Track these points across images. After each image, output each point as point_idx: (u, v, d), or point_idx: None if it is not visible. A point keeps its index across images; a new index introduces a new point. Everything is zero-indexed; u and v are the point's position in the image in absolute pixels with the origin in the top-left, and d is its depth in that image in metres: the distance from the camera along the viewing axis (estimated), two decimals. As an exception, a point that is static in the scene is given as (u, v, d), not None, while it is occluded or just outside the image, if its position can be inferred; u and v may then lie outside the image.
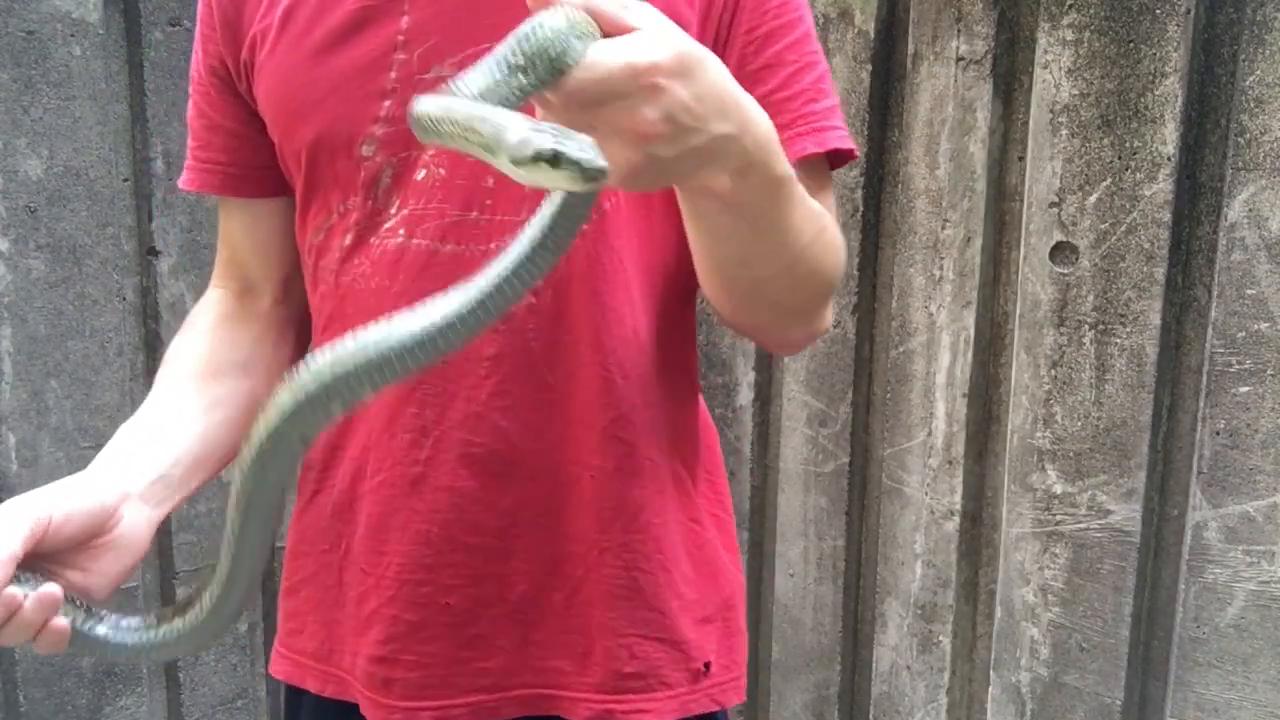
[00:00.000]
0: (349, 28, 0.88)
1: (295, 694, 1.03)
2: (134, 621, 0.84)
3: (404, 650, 0.92)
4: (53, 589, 0.77)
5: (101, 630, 0.82)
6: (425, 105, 0.64)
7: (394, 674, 0.93)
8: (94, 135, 1.75)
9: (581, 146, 0.56)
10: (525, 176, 0.58)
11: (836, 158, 0.92)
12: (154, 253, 1.83)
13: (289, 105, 0.91)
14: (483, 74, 0.63)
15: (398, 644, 0.92)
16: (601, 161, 0.56)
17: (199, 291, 1.92)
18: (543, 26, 0.62)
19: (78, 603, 0.81)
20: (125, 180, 1.80)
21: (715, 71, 0.66)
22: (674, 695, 0.94)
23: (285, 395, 0.68)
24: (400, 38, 0.87)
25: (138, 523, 0.86)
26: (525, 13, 0.82)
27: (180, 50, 1.81)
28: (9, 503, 0.80)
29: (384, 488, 0.92)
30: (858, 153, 0.94)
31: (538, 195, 0.83)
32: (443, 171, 0.86)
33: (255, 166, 0.98)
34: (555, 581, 0.92)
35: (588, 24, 0.63)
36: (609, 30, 0.63)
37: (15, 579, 0.75)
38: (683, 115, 0.63)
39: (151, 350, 1.84)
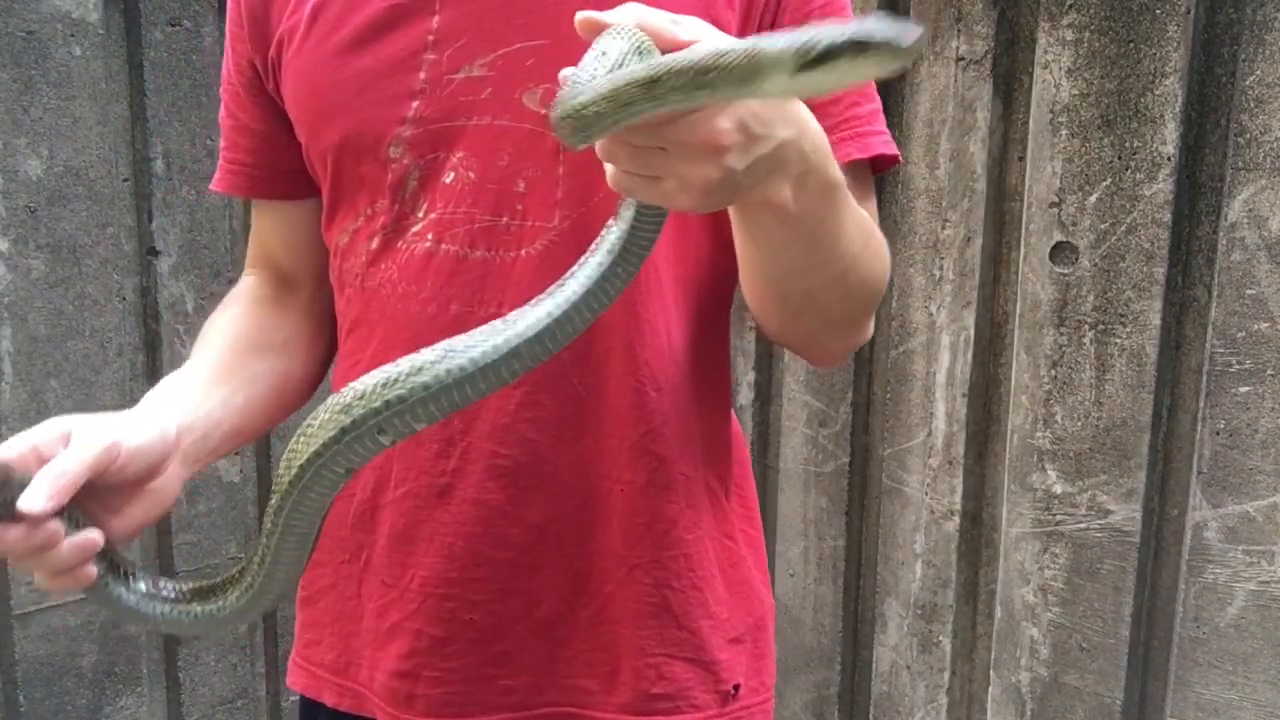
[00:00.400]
0: (378, 26, 0.86)
1: (311, 706, 1.00)
2: (148, 586, 0.81)
3: (427, 665, 0.90)
4: (94, 535, 0.74)
5: (121, 592, 0.79)
6: (581, 93, 0.60)
7: (416, 690, 0.91)
8: (94, 135, 1.75)
9: (880, 24, 0.53)
10: (813, 84, 0.56)
11: (880, 162, 0.91)
12: (154, 253, 1.83)
13: (315, 105, 0.89)
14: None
15: (421, 659, 0.90)
16: (915, 33, 0.54)
17: (199, 291, 1.92)
18: (607, 54, 0.61)
19: (105, 553, 0.77)
20: (125, 180, 1.80)
21: None
22: (703, 717, 0.92)
23: (330, 425, 0.65)
24: (430, 37, 0.85)
25: (173, 476, 0.83)
26: (558, 12, 0.81)
27: (180, 50, 1.82)
28: (75, 419, 0.76)
29: (409, 499, 0.90)
30: (901, 158, 0.93)
31: (572, 200, 0.83)
32: (472, 175, 0.85)
33: (283, 169, 0.97)
34: (583, 599, 0.90)
35: (646, 41, 0.62)
36: (665, 46, 0.62)
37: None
38: (753, 123, 0.63)
39: (152, 350, 1.84)
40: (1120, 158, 1.57)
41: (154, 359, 1.84)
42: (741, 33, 0.85)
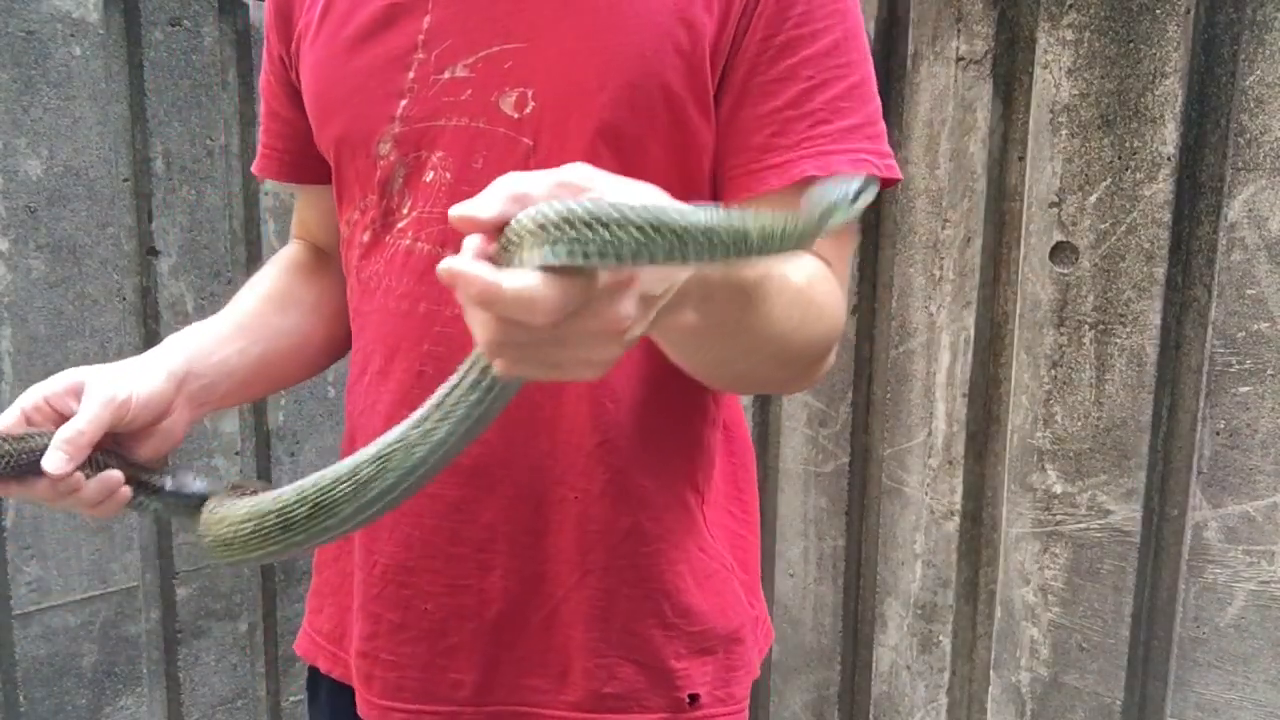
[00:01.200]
0: (377, 25, 0.88)
1: (315, 675, 1.04)
2: (173, 484, 0.88)
3: (383, 648, 0.93)
4: (114, 474, 0.82)
5: (154, 505, 0.88)
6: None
7: (374, 670, 0.93)
8: (94, 135, 1.75)
9: (838, 189, 0.58)
10: (844, 219, 0.59)
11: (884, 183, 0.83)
12: (154, 253, 1.83)
13: (321, 100, 0.92)
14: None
15: (379, 641, 0.93)
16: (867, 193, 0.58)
17: (199, 291, 1.92)
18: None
19: (134, 473, 0.85)
20: (125, 180, 1.80)
21: None
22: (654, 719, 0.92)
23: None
24: (421, 37, 0.86)
25: (178, 419, 0.89)
26: (536, 16, 0.82)
27: (180, 50, 1.81)
28: (85, 372, 0.84)
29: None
30: (895, 174, 0.86)
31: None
32: (449, 175, 0.86)
33: (312, 154, 0.99)
34: (535, 601, 0.91)
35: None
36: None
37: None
38: (652, 287, 0.56)
39: (151, 350, 1.85)
40: (1120, 158, 1.57)
41: (154, 359, 1.84)
42: (717, 39, 0.81)
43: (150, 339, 1.84)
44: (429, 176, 0.87)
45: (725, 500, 0.98)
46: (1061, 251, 1.63)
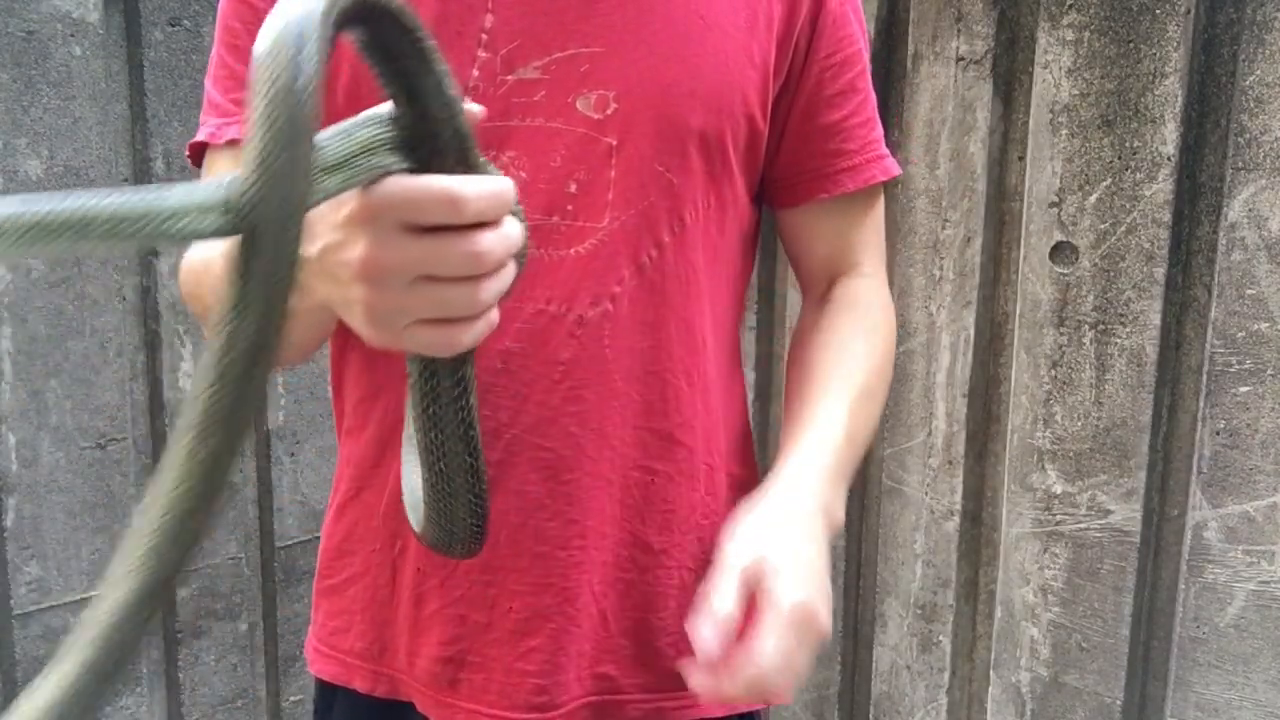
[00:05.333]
0: (434, 18, 0.86)
1: (329, 691, 1.02)
2: None
3: (470, 650, 0.92)
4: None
5: None
6: None
7: (460, 674, 0.92)
8: (94, 135, 1.75)
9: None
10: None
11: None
12: (154, 253, 1.83)
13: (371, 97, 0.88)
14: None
15: (465, 643, 0.92)
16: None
17: (199, 291, 1.88)
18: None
19: None
20: (125, 180, 1.80)
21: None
22: None
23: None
24: (484, 36, 0.86)
25: None
26: (609, 20, 0.85)
27: (180, 50, 1.82)
28: None
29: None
30: (900, 170, 1.03)
31: (622, 203, 0.87)
32: (524, 175, 0.86)
33: None
34: (617, 589, 0.93)
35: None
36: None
37: None
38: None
39: (152, 350, 1.84)
40: (1120, 158, 1.57)
41: (154, 359, 1.84)
42: (778, 57, 0.91)
43: (150, 339, 1.84)
44: None
45: (754, 485, 1.03)
46: (1061, 251, 1.63)
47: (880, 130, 0.99)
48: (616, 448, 0.90)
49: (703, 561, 0.94)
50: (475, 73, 0.86)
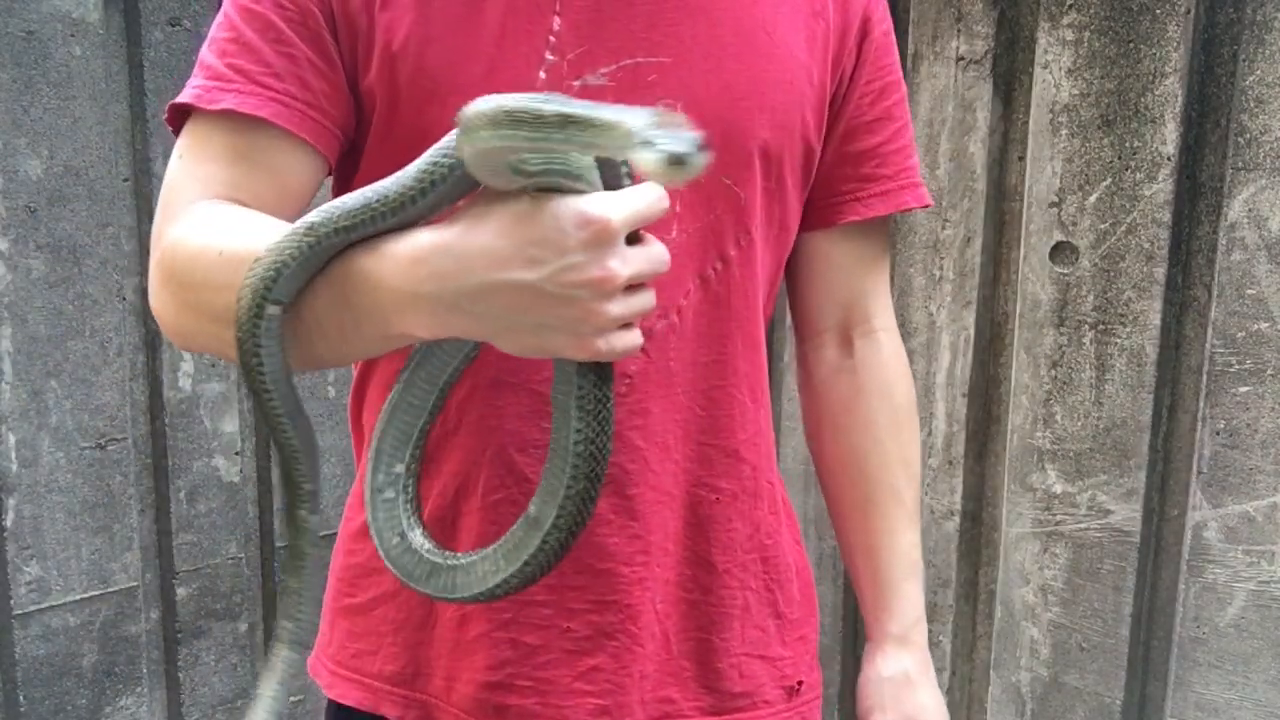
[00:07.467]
0: (501, 13, 0.82)
1: (344, 715, 0.96)
2: None
3: (520, 675, 0.88)
4: None
5: None
6: (494, 101, 0.62)
7: (509, 700, 0.88)
8: (94, 135, 1.75)
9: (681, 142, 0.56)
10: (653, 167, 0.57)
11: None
12: (154, 253, 1.83)
13: (430, 78, 0.82)
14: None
15: (514, 668, 0.88)
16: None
17: (199, 291, 1.86)
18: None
19: None
20: (125, 180, 1.80)
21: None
22: (773, 712, 0.95)
23: None
24: (551, 39, 0.83)
25: None
26: (678, 30, 0.85)
27: (180, 50, 1.82)
28: None
29: (504, 505, 0.87)
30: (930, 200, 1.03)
31: (690, 215, 0.86)
32: None
33: (332, 117, 0.85)
34: (680, 608, 0.91)
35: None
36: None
37: None
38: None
39: (152, 350, 1.84)
40: (1120, 158, 1.57)
41: (154, 359, 1.84)
42: (829, 77, 0.92)
43: (150, 339, 1.84)
44: None
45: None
46: (1061, 251, 1.63)
47: (916, 159, 0.99)
48: (680, 463, 0.88)
49: (766, 582, 0.93)
50: (542, 75, 0.83)
